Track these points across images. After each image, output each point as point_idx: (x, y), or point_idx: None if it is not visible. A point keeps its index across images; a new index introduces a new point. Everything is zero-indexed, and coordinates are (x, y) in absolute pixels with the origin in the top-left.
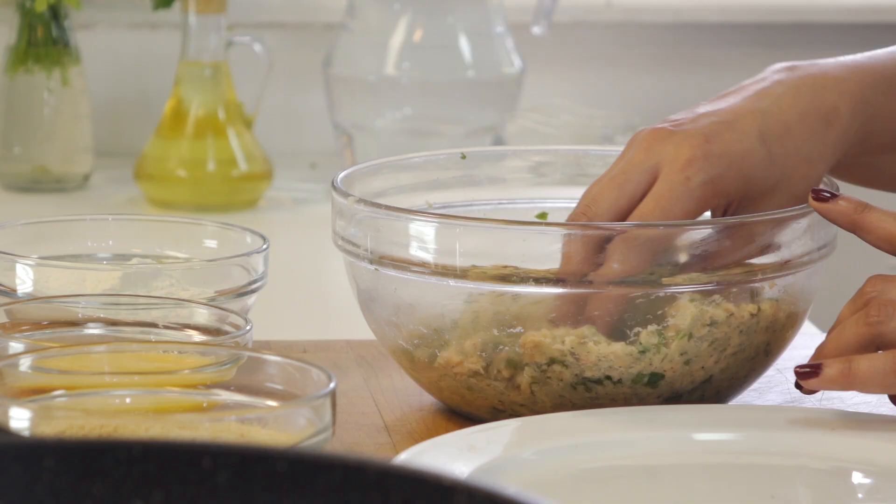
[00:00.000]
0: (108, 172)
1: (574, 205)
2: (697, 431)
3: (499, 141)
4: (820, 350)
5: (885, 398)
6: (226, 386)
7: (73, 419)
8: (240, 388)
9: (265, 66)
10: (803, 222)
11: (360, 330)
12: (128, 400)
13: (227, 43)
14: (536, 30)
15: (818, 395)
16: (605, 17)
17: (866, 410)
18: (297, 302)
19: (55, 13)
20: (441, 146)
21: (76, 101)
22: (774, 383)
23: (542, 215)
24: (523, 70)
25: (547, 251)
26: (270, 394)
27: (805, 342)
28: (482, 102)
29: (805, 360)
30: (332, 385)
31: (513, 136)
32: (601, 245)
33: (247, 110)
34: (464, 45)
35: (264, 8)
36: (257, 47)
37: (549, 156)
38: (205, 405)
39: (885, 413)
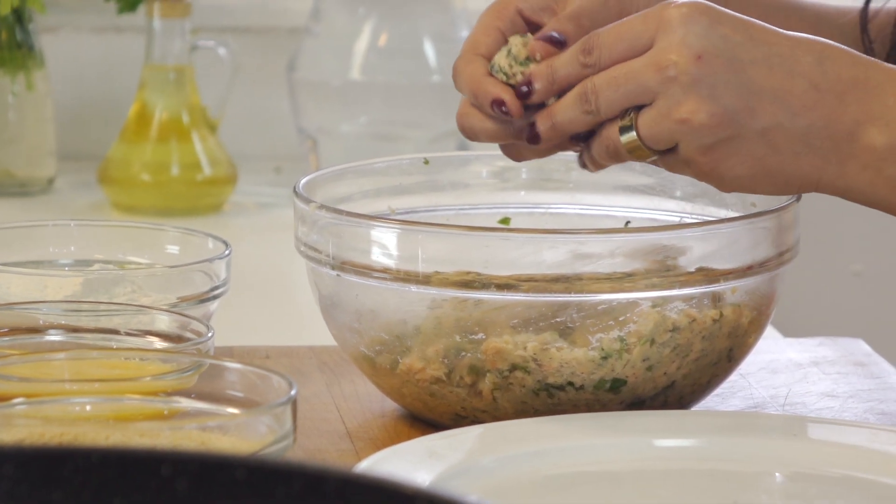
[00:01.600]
0: (73, 176)
1: (537, 211)
2: (660, 437)
3: (463, 145)
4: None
5: (848, 404)
6: (187, 393)
7: (33, 427)
8: (201, 396)
9: (230, 70)
10: (766, 226)
11: (323, 336)
12: (88, 408)
13: (191, 47)
14: None
15: (781, 400)
16: None
17: (829, 416)
18: (261, 307)
19: (19, 16)
20: (406, 151)
21: (40, 104)
22: (737, 388)
23: (505, 220)
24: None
25: (510, 257)
26: (231, 401)
27: (768, 346)
28: (447, 107)
29: (768, 367)
30: (292, 392)
31: None
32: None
33: (211, 114)
34: (429, 49)
35: (229, 12)
36: (222, 51)
37: (513, 161)
38: (166, 413)
39: (847, 418)
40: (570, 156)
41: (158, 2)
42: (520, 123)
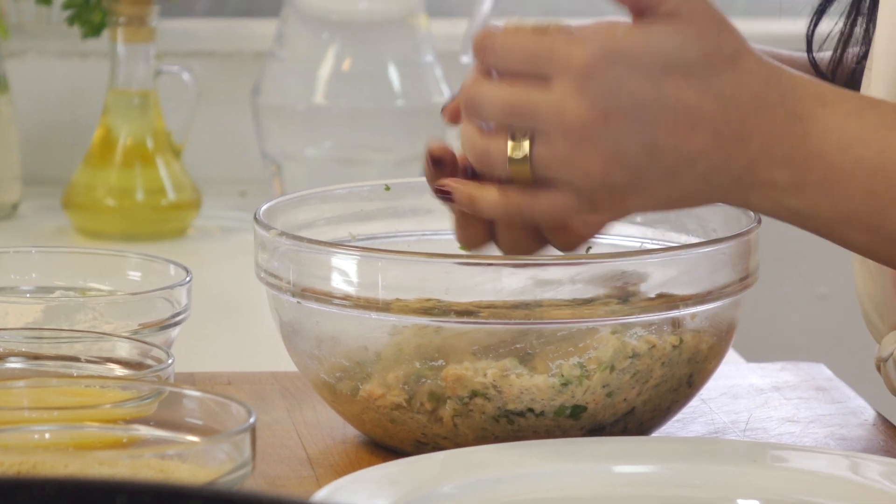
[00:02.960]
0: (37, 201)
1: None
2: (620, 464)
3: None
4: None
5: (809, 429)
6: (146, 421)
7: None
8: (160, 424)
9: (194, 94)
10: (725, 252)
11: (285, 361)
12: (47, 436)
13: (155, 72)
14: (466, 59)
15: (742, 425)
16: None
17: (790, 441)
18: (224, 333)
19: None
20: (371, 175)
21: (4, 129)
22: (698, 414)
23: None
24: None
25: (470, 284)
26: (191, 429)
27: (730, 371)
28: (411, 131)
29: (729, 392)
30: (251, 420)
31: None
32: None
33: (175, 139)
34: (393, 74)
35: (193, 37)
36: (186, 76)
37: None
38: (125, 441)
39: (808, 444)
40: None
41: (122, 27)
42: None
